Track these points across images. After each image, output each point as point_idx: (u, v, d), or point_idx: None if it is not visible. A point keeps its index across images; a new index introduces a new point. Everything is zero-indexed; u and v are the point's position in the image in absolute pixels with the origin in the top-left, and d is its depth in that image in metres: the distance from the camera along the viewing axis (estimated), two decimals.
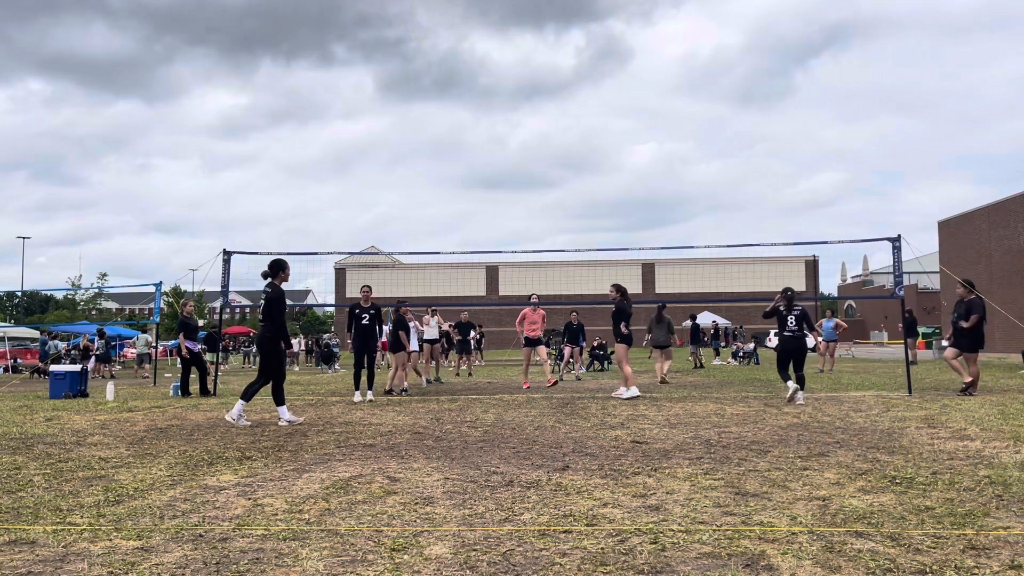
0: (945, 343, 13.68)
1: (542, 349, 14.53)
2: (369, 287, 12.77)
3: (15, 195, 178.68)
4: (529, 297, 15.03)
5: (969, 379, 11.37)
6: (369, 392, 12.01)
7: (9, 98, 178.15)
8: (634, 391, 11.66)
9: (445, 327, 17.54)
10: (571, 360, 18.96)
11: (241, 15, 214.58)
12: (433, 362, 17.07)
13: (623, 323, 12.25)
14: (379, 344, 12.82)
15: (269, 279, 9.11)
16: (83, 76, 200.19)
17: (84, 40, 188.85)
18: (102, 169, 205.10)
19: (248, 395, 8.92)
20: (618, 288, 12.63)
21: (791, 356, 10.98)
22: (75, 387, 13.72)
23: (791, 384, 10.56)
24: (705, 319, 40.18)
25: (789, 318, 11.08)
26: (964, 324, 11.59)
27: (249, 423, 8.73)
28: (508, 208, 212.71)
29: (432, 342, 16.85)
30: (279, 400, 8.97)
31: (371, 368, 12.02)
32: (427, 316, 17.05)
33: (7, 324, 52.61)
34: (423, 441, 7.15)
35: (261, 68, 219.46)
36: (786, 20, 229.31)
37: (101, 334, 24.96)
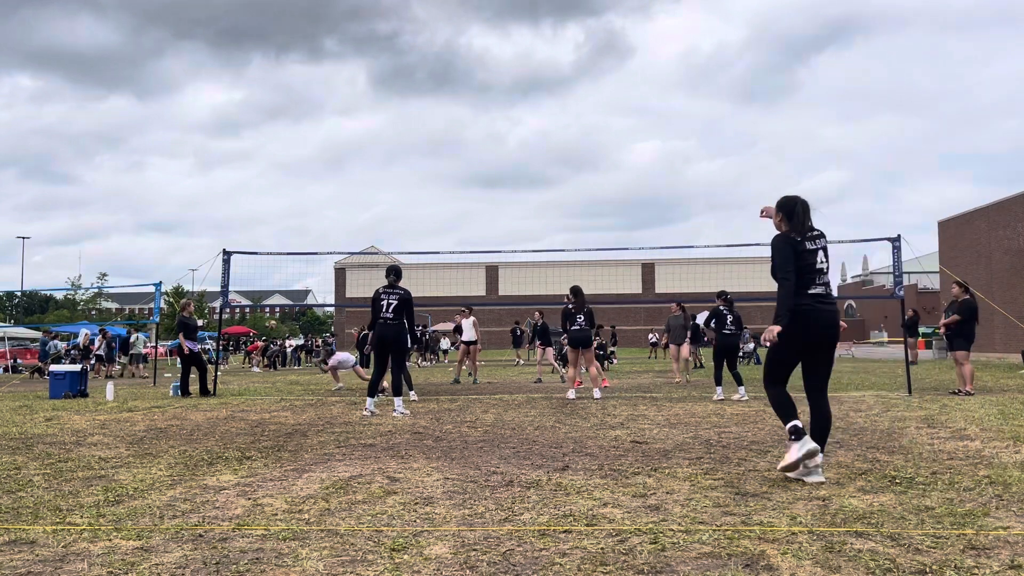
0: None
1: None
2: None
3: (8, 193, 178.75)
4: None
5: (969, 388, 11.56)
6: (412, 392, 12.23)
7: None
8: (571, 394, 11.85)
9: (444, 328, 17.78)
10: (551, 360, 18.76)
11: (229, 7, 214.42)
12: (468, 362, 17.29)
13: (568, 323, 12.15)
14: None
15: (394, 281, 9.88)
16: (72, 71, 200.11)
17: (71, 33, 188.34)
18: (96, 167, 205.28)
19: (400, 390, 9.76)
20: (572, 290, 12.43)
21: (727, 353, 11.75)
22: (75, 387, 13.72)
23: (720, 391, 11.47)
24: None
25: (728, 317, 11.76)
26: (943, 321, 12.13)
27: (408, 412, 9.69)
28: (507, 207, 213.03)
29: (469, 343, 16.99)
30: (398, 391, 9.78)
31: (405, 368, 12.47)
32: (459, 317, 17.19)
33: (7, 324, 52.57)
34: (423, 441, 7.14)
35: (252, 62, 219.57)
36: (787, 16, 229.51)
37: (104, 334, 24.94)
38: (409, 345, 9.98)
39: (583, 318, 12.08)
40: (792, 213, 5.15)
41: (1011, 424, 7.71)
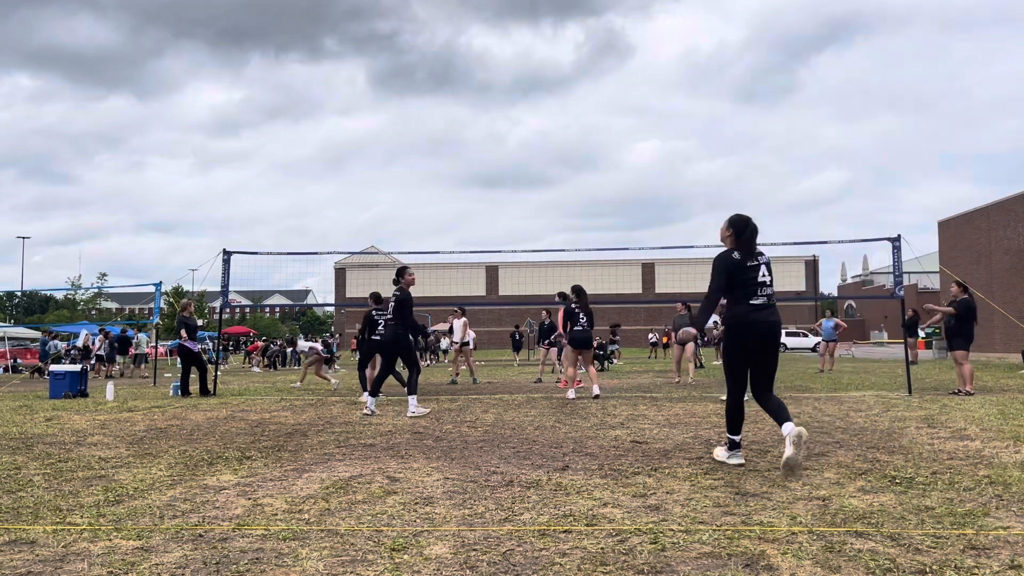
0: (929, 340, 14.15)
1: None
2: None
3: (8, 193, 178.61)
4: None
5: (969, 388, 11.55)
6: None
7: None
8: (571, 393, 11.78)
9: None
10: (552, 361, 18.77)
11: (229, 7, 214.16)
12: (465, 363, 17.29)
13: (569, 324, 12.14)
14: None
15: (397, 284, 9.94)
16: (72, 71, 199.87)
17: (70, 33, 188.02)
18: (95, 167, 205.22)
19: (414, 388, 9.66)
20: (574, 290, 12.43)
21: None
22: (75, 387, 13.72)
23: None
24: None
25: None
26: (929, 306, 12.35)
27: (378, 412, 9.75)
28: (507, 207, 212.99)
29: (463, 345, 17.01)
30: (413, 390, 9.68)
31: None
32: (451, 318, 17.20)
33: (7, 324, 52.57)
34: (423, 441, 7.14)
35: (251, 62, 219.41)
36: (787, 16, 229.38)
37: (105, 334, 24.94)
38: (411, 342, 9.97)
39: (585, 318, 12.08)
40: (742, 232, 5.55)
41: (1011, 424, 7.71)
